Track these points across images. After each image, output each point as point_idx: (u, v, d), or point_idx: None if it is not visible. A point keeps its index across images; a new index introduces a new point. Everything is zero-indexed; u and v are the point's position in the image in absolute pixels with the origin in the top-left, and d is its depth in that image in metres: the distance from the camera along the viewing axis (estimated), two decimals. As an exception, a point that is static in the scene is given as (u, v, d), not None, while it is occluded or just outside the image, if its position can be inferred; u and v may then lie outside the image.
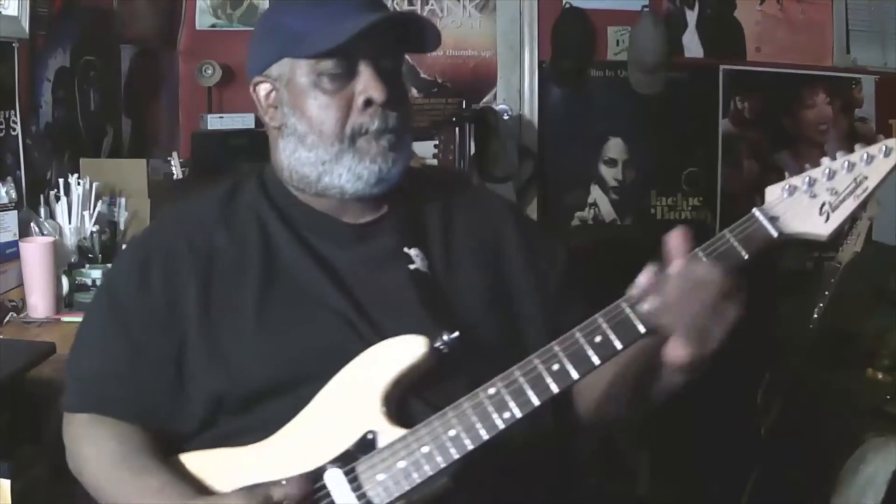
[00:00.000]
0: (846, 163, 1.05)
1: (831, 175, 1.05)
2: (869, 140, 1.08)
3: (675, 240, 1.10)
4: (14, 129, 2.31)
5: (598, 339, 1.07)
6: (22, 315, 2.13)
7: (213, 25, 3.74)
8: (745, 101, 3.82)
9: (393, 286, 1.23)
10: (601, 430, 1.36)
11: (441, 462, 1.07)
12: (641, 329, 1.07)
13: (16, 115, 2.32)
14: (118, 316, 1.25)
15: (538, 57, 3.73)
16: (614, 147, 3.81)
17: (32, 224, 2.31)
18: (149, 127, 3.42)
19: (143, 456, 1.19)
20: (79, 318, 2.08)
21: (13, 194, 2.22)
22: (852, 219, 1.07)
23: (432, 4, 3.64)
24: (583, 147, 3.79)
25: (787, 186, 1.07)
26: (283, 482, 1.10)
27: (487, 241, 1.33)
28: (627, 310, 1.07)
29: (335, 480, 1.10)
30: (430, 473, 1.07)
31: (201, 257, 1.25)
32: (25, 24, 2.31)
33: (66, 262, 2.30)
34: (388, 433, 1.10)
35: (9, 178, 2.24)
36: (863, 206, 1.05)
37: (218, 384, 1.20)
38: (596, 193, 3.83)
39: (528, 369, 1.07)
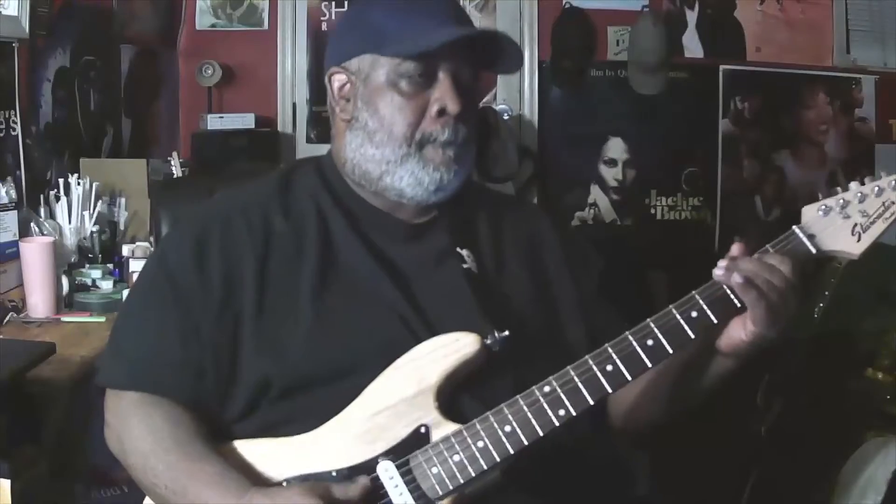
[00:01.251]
0: (876, 188, 1.14)
1: (862, 198, 1.14)
2: (868, 140, 1.12)
3: (737, 247, 1.15)
4: (14, 129, 2.32)
5: (650, 342, 1.11)
6: (22, 315, 2.13)
7: (213, 25, 3.74)
8: (745, 101, 3.82)
9: (447, 284, 1.25)
10: (632, 435, 1.37)
11: (496, 457, 1.09)
12: (691, 335, 1.12)
13: (16, 115, 2.32)
14: (174, 293, 1.23)
15: (538, 57, 3.73)
16: (614, 147, 3.81)
17: (32, 224, 2.31)
18: (149, 127, 3.42)
19: (198, 441, 1.18)
20: (79, 318, 2.12)
21: (13, 194, 2.22)
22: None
23: (432, 4, 3.64)
24: (583, 147, 3.79)
25: (822, 207, 1.14)
26: (347, 480, 1.11)
27: (530, 248, 1.35)
28: (678, 316, 1.12)
29: (388, 473, 1.11)
30: (485, 468, 1.09)
31: (259, 238, 1.24)
32: (25, 24, 2.31)
33: (66, 262, 2.30)
34: (442, 427, 1.12)
35: (9, 178, 2.24)
36: (891, 228, 1.14)
37: (266, 369, 1.19)
38: (596, 193, 3.83)
39: (583, 369, 1.11)
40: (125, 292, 2.12)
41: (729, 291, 1.12)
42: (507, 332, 1.16)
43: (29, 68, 2.42)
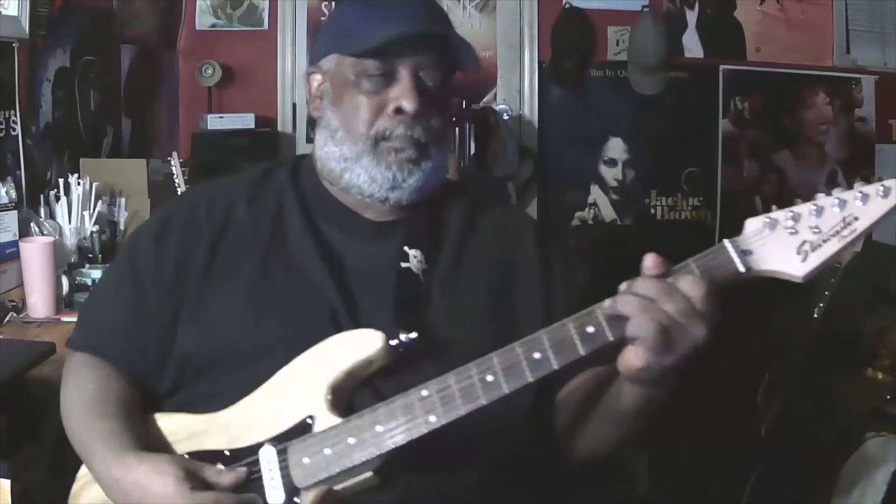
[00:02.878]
0: (837, 200, 0.95)
1: (819, 212, 0.96)
2: (868, 140, 1.05)
3: (650, 260, 1.03)
4: (14, 129, 2.31)
5: (536, 355, 1.04)
6: (22, 315, 2.13)
7: (213, 25, 3.74)
8: (745, 101, 3.82)
9: (379, 281, 1.25)
10: (594, 461, 1.32)
11: (363, 456, 1.09)
12: (581, 351, 1.03)
13: (16, 115, 2.32)
14: (132, 270, 1.30)
15: (538, 57, 3.74)
16: (614, 147, 3.81)
17: (32, 224, 2.31)
18: (149, 127, 3.42)
19: (113, 403, 1.23)
20: (79, 318, 2.12)
21: (13, 194, 2.22)
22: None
23: (432, 4, 3.64)
24: (583, 147, 3.79)
25: (767, 220, 0.97)
26: (235, 460, 1.14)
27: (502, 260, 1.32)
28: (572, 330, 1.03)
29: (267, 458, 1.13)
30: (351, 465, 1.09)
31: (216, 225, 1.29)
32: (25, 24, 2.31)
33: (66, 262, 2.30)
34: (326, 420, 1.12)
35: (9, 178, 2.24)
36: (849, 248, 0.95)
37: (189, 343, 1.24)
38: (596, 193, 3.83)
39: (463, 377, 1.07)
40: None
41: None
42: (414, 335, 1.15)
43: (29, 68, 2.42)
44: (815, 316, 2.66)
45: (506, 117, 3.53)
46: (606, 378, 1.17)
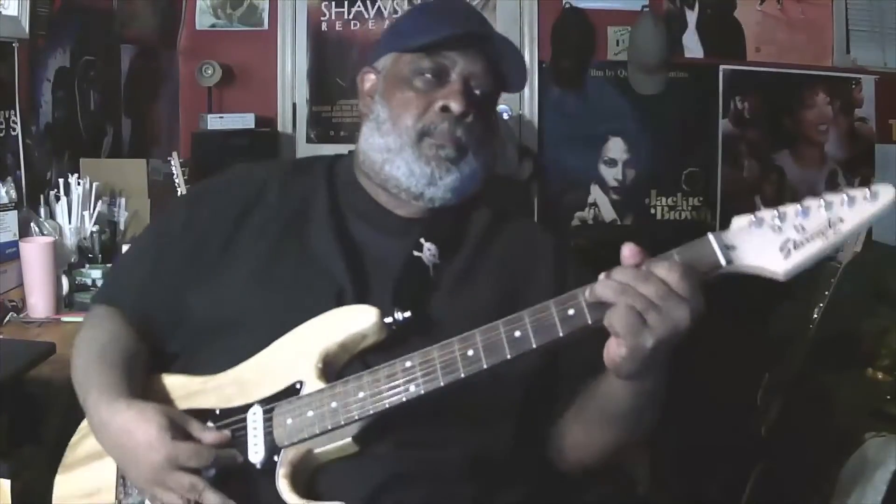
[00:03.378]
0: (823, 202, 0.96)
1: (805, 212, 0.97)
2: (868, 140, 1.06)
3: (628, 250, 1.04)
4: (14, 129, 2.32)
5: (517, 333, 1.05)
6: (22, 315, 2.13)
7: (213, 25, 3.74)
8: (745, 101, 3.82)
9: (389, 268, 1.28)
10: (588, 469, 1.33)
11: (342, 419, 1.12)
12: (560, 332, 1.04)
13: (16, 115, 2.32)
14: (159, 229, 1.41)
15: (538, 57, 3.73)
16: (614, 147, 3.81)
17: (32, 224, 2.31)
18: (149, 127, 3.42)
19: (118, 353, 1.28)
20: (79, 318, 2.11)
21: (13, 194, 2.22)
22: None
23: (432, 4, 3.64)
24: (583, 147, 3.79)
25: (754, 218, 0.99)
26: (224, 419, 1.18)
27: (516, 275, 1.33)
28: (553, 311, 1.05)
29: (254, 417, 1.18)
30: (329, 427, 1.12)
31: (246, 201, 1.35)
32: (25, 24, 2.31)
33: (66, 262, 2.30)
34: (313, 385, 1.17)
35: (9, 178, 2.24)
36: (832, 249, 0.96)
37: (197, 308, 1.29)
38: (596, 193, 3.83)
39: (446, 350, 1.09)
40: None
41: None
42: (408, 314, 1.19)
43: (29, 68, 2.42)
44: (815, 316, 2.66)
45: (506, 117, 3.53)
46: (597, 385, 1.18)
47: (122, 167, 2.76)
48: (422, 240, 1.30)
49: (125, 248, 1.56)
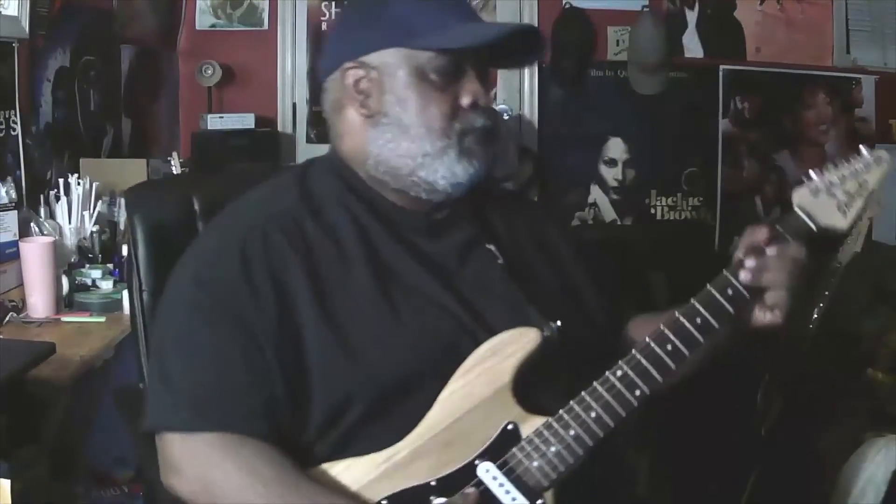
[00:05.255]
0: (855, 170, 1.29)
1: (843, 180, 1.28)
2: (869, 140, 1.16)
3: (763, 231, 1.22)
4: (14, 129, 2.31)
5: (698, 320, 1.19)
6: (22, 315, 2.13)
7: (213, 25, 3.74)
8: (745, 101, 3.82)
9: (484, 279, 1.26)
10: None
11: (589, 441, 1.14)
12: (730, 310, 1.19)
13: (16, 115, 2.32)
14: (226, 313, 1.14)
15: (538, 57, 3.73)
16: (614, 147, 3.81)
17: (32, 224, 2.31)
18: (149, 127, 3.42)
19: (294, 472, 1.12)
20: (79, 318, 2.11)
21: (13, 194, 2.22)
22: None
23: (432, 4, 3.64)
24: (583, 147, 3.79)
25: (813, 188, 1.28)
26: (448, 488, 1.11)
27: (540, 239, 1.38)
28: (717, 295, 1.19)
29: (490, 474, 1.13)
30: (581, 454, 1.13)
31: (301, 248, 1.19)
32: (25, 24, 2.31)
33: (66, 262, 2.30)
34: (529, 422, 1.14)
35: (9, 178, 2.24)
36: (868, 203, 1.29)
37: (349, 382, 1.14)
38: (596, 193, 3.83)
39: (646, 351, 1.17)
40: (125, 292, 2.12)
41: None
42: (559, 322, 1.20)
43: (29, 68, 2.42)
44: (815, 316, 2.66)
45: (506, 117, 3.53)
46: None
47: (122, 167, 2.76)
48: (487, 245, 1.29)
49: (163, 337, 1.17)
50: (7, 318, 2.09)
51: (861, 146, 1.31)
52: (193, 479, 1.12)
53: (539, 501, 1.12)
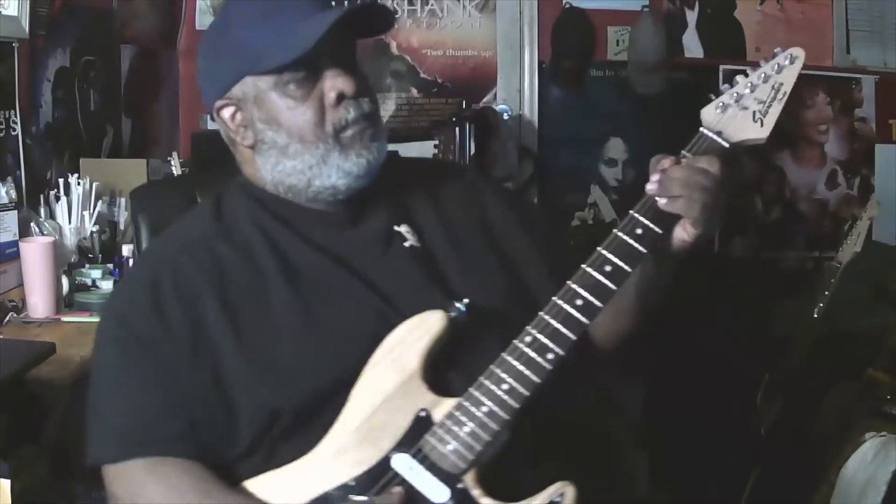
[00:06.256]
0: (762, 75, 1.24)
1: (753, 88, 1.23)
2: (869, 140, 1.15)
3: (659, 157, 1.23)
4: (14, 129, 2.31)
5: (608, 267, 1.14)
6: (22, 315, 2.13)
7: (213, 25, 3.73)
8: (745, 101, 3.82)
9: (397, 266, 1.25)
10: (614, 351, 1.40)
11: (504, 415, 1.10)
12: (642, 250, 1.15)
13: (16, 115, 2.32)
14: (140, 347, 1.18)
15: (538, 57, 3.73)
16: (614, 147, 3.81)
17: (32, 224, 2.31)
18: (149, 127, 3.42)
19: (218, 486, 1.15)
20: (79, 318, 2.11)
21: (13, 194, 2.22)
22: (853, 219, 1.20)
23: (432, 4, 3.64)
24: (583, 147, 3.79)
25: (719, 105, 1.25)
26: (367, 486, 1.11)
27: (472, 207, 1.36)
28: (625, 237, 1.16)
29: (406, 465, 1.11)
30: (497, 429, 1.10)
31: (209, 271, 1.22)
32: (25, 24, 2.31)
33: (66, 262, 2.30)
34: (441, 406, 1.13)
35: (9, 178, 2.24)
36: (783, 105, 1.24)
37: (274, 396, 1.15)
38: (596, 193, 3.83)
39: (556, 310, 1.13)
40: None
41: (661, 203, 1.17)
42: (466, 300, 1.17)
43: (29, 68, 2.42)
44: (815, 316, 2.67)
45: (506, 117, 3.53)
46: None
47: (122, 167, 2.76)
48: (395, 227, 1.27)
49: (93, 373, 1.22)
50: (7, 318, 2.09)
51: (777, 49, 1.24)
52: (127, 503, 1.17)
53: (459, 485, 1.10)
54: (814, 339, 2.65)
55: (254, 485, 1.15)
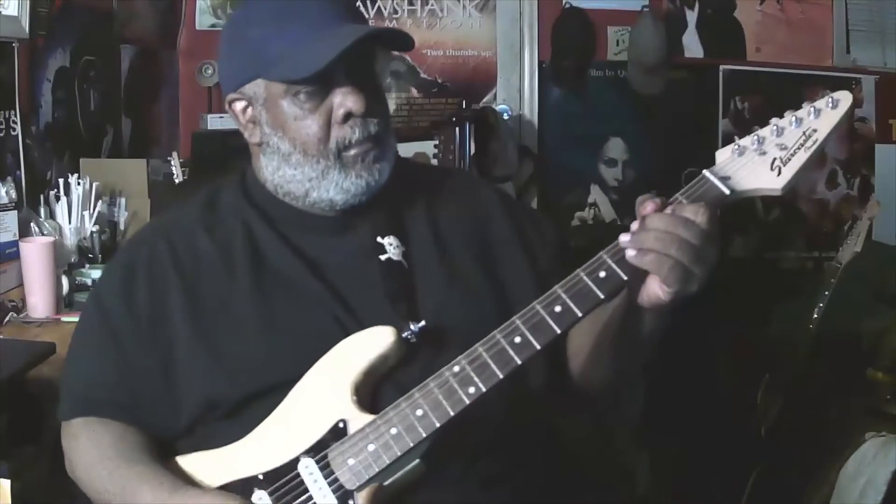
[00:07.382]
0: (794, 119, 1.07)
1: (779, 132, 1.06)
2: (868, 139, 1.09)
3: (644, 200, 1.10)
4: (14, 129, 2.31)
5: (557, 308, 1.06)
6: (22, 315, 2.13)
7: (213, 25, 3.73)
8: (745, 101, 3.82)
9: (368, 278, 1.24)
10: (596, 396, 1.35)
11: (410, 441, 1.08)
12: (600, 295, 1.06)
13: (16, 115, 2.32)
14: (106, 326, 1.27)
15: (538, 57, 3.73)
16: (614, 147, 3.81)
17: (32, 224, 2.31)
18: (149, 127, 3.42)
19: (139, 451, 1.22)
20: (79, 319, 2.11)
21: (13, 194, 2.22)
22: (853, 219, 1.06)
23: (432, 4, 3.64)
24: (583, 147, 3.79)
25: (735, 147, 1.07)
26: (260, 492, 1.13)
27: (476, 228, 1.33)
28: (585, 279, 1.07)
29: (308, 470, 1.12)
30: (399, 454, 1.08)
31: (184, 261, 1.26)
32: (25, 24, 2.31)
33: (66, 262, 2.30)
34: (359, 420, 1.12)
35: (9, 178, 2.24)
36: (814, 157, 1.05)
37: (214, 387, 1.20)
38: (596, 193, 3.83)
39: (490, 344, 1.08)
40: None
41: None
42: (423, 323, 1.16)
43: (29, 68, 2.42)
44: (815, 316, 2.67)
45: (506, 117, 3.53)
46: (613, 315, 1.17)
47: (122, 167, 2.76)
48: (378, 239, 1.25)
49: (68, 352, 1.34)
50: (7, 318, 2.09)
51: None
52: (69, 461, 1.28)
53: (349, 501, 1.10)
54: (814, 339, 2.65)
55: (183, 461, 1.21)
